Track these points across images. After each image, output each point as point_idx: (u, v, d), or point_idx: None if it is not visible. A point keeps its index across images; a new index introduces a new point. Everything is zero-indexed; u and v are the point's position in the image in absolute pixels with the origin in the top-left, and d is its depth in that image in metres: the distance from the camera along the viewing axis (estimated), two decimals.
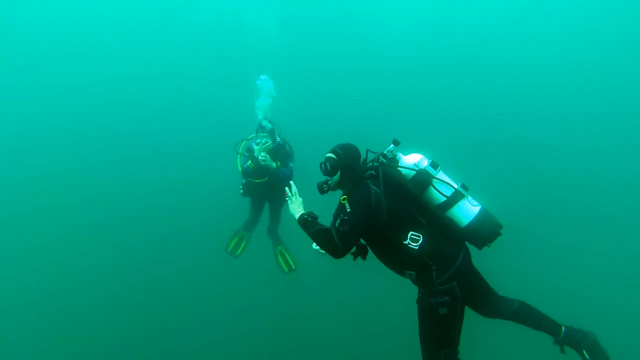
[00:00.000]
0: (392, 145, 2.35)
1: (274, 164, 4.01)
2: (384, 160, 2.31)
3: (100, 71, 9.04)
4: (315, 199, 2.50)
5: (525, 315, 2.34)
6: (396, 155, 2.34)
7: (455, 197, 2.18)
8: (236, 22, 7.94)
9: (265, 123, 4.12)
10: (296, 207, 2.36)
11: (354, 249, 2.23)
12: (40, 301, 5.63)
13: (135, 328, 5.04)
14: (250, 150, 4.16)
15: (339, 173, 2.35)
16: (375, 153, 2.38)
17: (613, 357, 2.23)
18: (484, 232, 2.15)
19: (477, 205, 2.20)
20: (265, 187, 4.25)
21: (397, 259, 2.22)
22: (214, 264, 5.72)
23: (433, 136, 7.97)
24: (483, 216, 2.17)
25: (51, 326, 5.15)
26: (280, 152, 4.20)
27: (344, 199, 2.18)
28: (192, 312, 5.42)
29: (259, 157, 3.93)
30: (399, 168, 2.27)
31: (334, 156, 2.37)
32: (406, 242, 2.13)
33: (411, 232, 2.14)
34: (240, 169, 4.25)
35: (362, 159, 2.41)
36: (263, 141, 4.01)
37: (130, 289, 5.70)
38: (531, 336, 2.40)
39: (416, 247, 2.12)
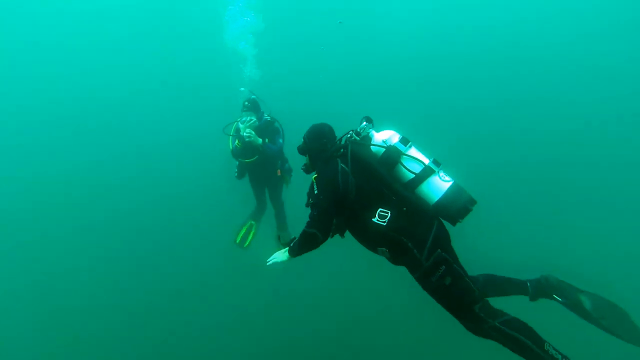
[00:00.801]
0: (364, 122, 2.34)
1: (260, 140, 3.95)
2: (357, 138, 2.31)
3: (97, 72, 9.13)
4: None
5: (493, 286, 2.31)
6: (369, 133, 2.33)
7: (425, 174, 2.16)
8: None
9: (247, 98, 4.06)
10: (280, 254, 2.42)
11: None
12: (43, 300, 5.73)
13: (138, 326, 5.12)
14: (237, 130, 4.10)
15: (307, 155, 2.47)
16: (350, 131, 2.37)
17: None
18: (454, 208, 2.11)
19: (448, 181, 2.16)
20: (257, 167, 4.20)
21: (367, 235, 2.23)
22: (218, 260, 5.79)
23: (417, 109, 8.02)
24: (454, 192, 2.13)
25: (55, 326, 5.25)
26: (268, 129, 4.10)
27: (314, 178, 2.27)
28: (194, 309, 5.45)
29: (244, 134, 3.89)
30: (370, 146, 2.26)
31: (302, 140, 2.47)
32: (374, 220, 2.13)
33: (380, 209, 2.13)
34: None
35: (337, 138, 2.43)
36: (247, 119, 3.98)
37: (131, 287, 5.77)
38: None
39: (384, 224, 2.11)
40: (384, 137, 2.28)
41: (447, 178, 2.17)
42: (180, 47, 9.68)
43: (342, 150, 2.29)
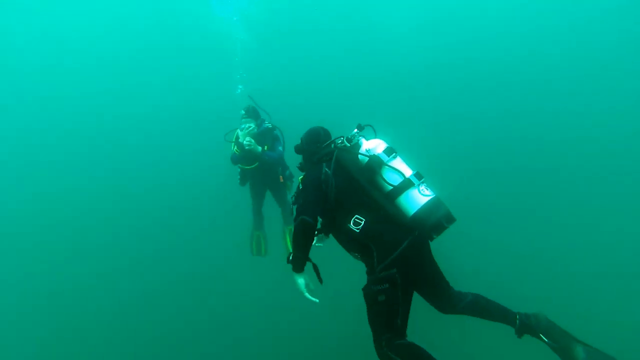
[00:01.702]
0: (355, 130, 2.40)
1: (259, 148, 3.99)
2: (347, 144, 2.37)
3: (96, 80, 9.16)
4: None
5: (480, 308, 2.27)
6: (358, 140, 2.39)
7: (403, 186, 2.17)
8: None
9: (247, 105, 4.13)
10: (298, 278, 2.27)
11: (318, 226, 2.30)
12: (47, 301, 5.84)
13: (139, 326, 5.18)
14: (237, 137, 4.16)
15: (302, 156, 2.58)
16: (341, 137, 2.44)
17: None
18: (429, 223, 2.11)
19: (428, 195, 2.16)
20: (258, 172, 4.25)
21: (342, 239, 2.29)
22: (223, 264, 5.84)
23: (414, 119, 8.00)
24: (431, 207, 2.13)
25: (58, 326, 5.35)
26: (268, 136, 4.14)
27: (300, 179, 2.35)
28: (197, 310, 5.49)
29: (244, 142, 3.93)
30: (357, 154, 2.32)
31: (299, 140, 2.59)
32: (349, 225, 2.17)
33: (355, 216, 2.17)
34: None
35: (327, 142, 2.49)
36: (246, 126, 4.05)
37: (135, 287, 5.84)
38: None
39: (357, 231, 2.14)
40: (370, 146, 2.32)
41: (428, 192, 2.17)
42: (181, 51, 9.74)
43: (330, 155, 2.35)
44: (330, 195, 2.21)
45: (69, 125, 8.61)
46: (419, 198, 2.15)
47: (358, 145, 2.38)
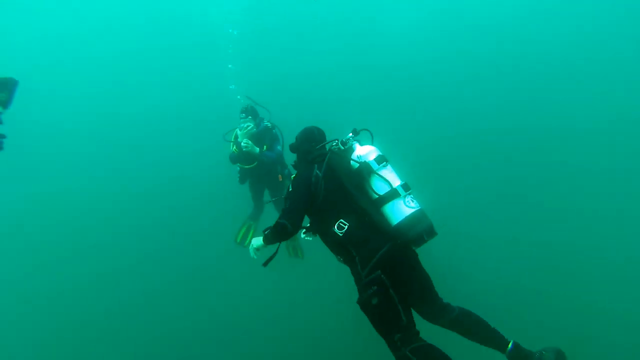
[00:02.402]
0: (350, 134, 2.43)
1: (257, 149, 3.98)
2: (342, 147, 2.42)
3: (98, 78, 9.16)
4: None
5: (468, 324, 2.22)
6: (352, 145, 2.42)
7: (389, 196, 2.19)
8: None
9: (245, 104, 4.14)
10: (256, 240, 2.48)
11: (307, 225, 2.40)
12: (48, 301, 5.90)
13: (140, 327, 5.23)
14: (236, 137, 4.16)
15: (296, 155, 2.62)
16: (335, 140, 2.47)
17: None
18: (410, 235, 2.14)
19: (413, 207, 2.17)
20: (257, 171, 4.25)
21: (327, 240, 2.32)
22: (221, 261, 5.87)
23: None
24: (414, 219, 2.15)
25: (63, 329, 5.37)
26: (267, 135, 4.14)
27: (292, 177, 2.40)
28: (197, 310, 5.53)
29: (242, 144, 3.93)
30: (349, 159, 2.34)
31: (294, 140, 2.64)
32: (333, 228, 2.20)
33: (340, 220, 2.19)
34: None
35: (322, 144, 2.52)
36: (245, 125, 4.03)
37: (136, 288, 5.90)
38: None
39: (340, 234, 2.18)
40: (362, 152, 2.34)
41: (413, 204, 2.19)
42: (174, 48, 9.71)
43: (323, 157, 2.37)
44: (319, 197, 2.25)
45: (68, 125, 8.64)
46: (403, 209, 2.17)
47: (351, 150, 2.40)
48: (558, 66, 8.19)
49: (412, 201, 2.20)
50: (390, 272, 2.09)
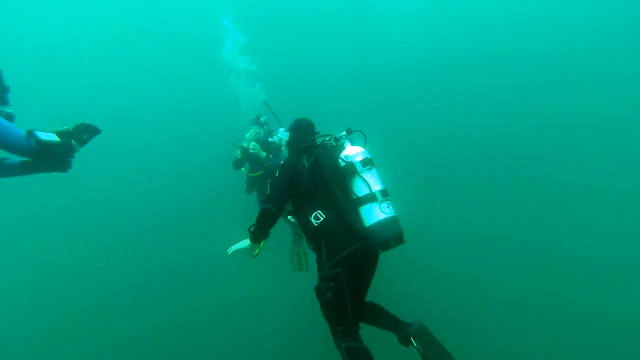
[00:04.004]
0: (344, 132, 2.54)
1: (263, 153, 3.99)
2: (334, 144, 2.54)
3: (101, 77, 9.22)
4: None
5: (373, 314, 2.44)
6: (344, 143, 2.52)
7: (367, 199, 2.29)
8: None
9: (257, 113, 4.21)
10: (242, 242, 2.55)
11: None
12: (51, 301, 5.99)
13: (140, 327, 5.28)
14: (242, 141, 4.18)
15: (288, 145, 2.79)
16: (329, 135, 2.60)
17: None
18: (379, 238, 2.22)
19: (387, 214, 2.26)
20: (263, 180, 4.14)
21: (302, 226, 2.45)
22: (220, 266, 5.77)
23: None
24: (386, 224, 2.24)
25: (60, 327, 5.49)
26: (274, 145, 4.08)
27: (281, 164, 2.52)
28: (196, 312, 5.57)
29: (249, 146, 3.94)
30: (337, 156, 2.42)
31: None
32: (310, 217, 2.33)
33: (318, 211, 2.31)
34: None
35: (315, 136, 2.68)
36: (253, 130, 4.08)
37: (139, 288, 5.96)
38: None
39: (315, 224, 2.30)
40: (351, 152, 2.41)
41: (387, 210, 2.27)
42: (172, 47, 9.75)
43: (313, 149, 2.49)
44: (301, 186, 2.37)
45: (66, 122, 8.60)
46: (378, 213, 2.26)
47: (342, 148, 2.49)
48: (544, 67, 8.25)
49: (388, 207, 2.28)
50: (350, 271, 2.20)
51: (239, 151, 4.11)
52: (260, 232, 2.43)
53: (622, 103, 7.34)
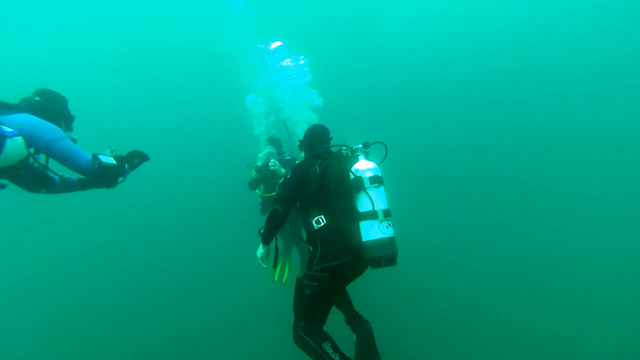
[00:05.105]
0: (360, 145, 2.58)
1: (283, 170, 4.06)
2: (349, 154, 2.59)
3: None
4: None
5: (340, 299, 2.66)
6: (358, 156, 2.55)
7: (368, 216, 2.30)
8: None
9: (270, 135, 4.29)
10: (258, 250, 2.72)
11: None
12: (51, 302, 6.05)
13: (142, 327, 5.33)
14: (256, 161, 4.22)
15: (304, 149, 2.87)
16: (345, 146, 2.64)
17: None
18: (372, 256, 2.26)
19: (385, 234, 2.27)
20: None
21: (304, 227, 2.55)
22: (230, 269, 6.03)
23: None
24: (382, 244, 2.26)
25: (61, 326, 5.52)
26: (288, 165, 4.20)
27: (296, 163, 2.63)
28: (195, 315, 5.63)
29: (269, 163, 3.99)
30: (349, 169, 2.44)
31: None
32: (312, 221, 2.43)
33: (321, 215, 2.42)
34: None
35: (330, 142, 2.78)
36: (266, 150, 4.13)
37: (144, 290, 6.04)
38: None
39: (316, 228, 2.41)
40: (362, 167, 2.42)
41: (386, 230, 2.28)
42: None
43: (327, 156, 2.60)
44: (310, 190, 2.49)
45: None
46: (376, 232, 2.27)
47: (355, 160, 2.51)
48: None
49: (387, 227, 2.29)
50: (336, 279, 2.31)
51: (253, 171, 4.15)
52: (269, 232, 2.57)
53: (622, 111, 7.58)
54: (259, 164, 4.12)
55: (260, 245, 2.68)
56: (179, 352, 4.99)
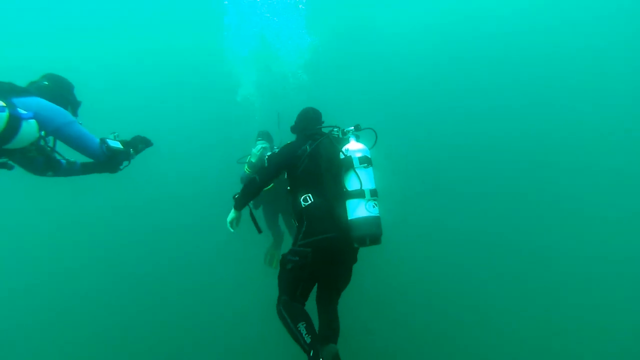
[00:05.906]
0: (352, 127, 2.62)
1: None
2: (340, 135, 2.63)
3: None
4: None
5: (324, 310, 2.51)
6: (349, 137, 2.59)
7: (355, 194, 2.34)
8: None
9: (261, 130, 4.27)
10: (229, 215, 2.73)
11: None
12: (48, 301, 6.03)
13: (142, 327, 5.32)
14: (249, 157, 4.19)
15: (296, 133, 2.90)
16: (337, 127, 2.68)
17: None
18: (356, 234, 2.30)
19: (370, 213, 2.29)
20: (272, 196, 4.24)
21: (291, 204, 2.59)
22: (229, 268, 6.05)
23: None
24: (367, 222, 2.29)
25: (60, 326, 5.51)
26: None
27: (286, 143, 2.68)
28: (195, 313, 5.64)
29: (266, 158, 3.86)
30: (339, 149, 2.48)
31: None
32: (300, 199, 2.47)
33: (308, 194, 2.46)
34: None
35: (322, 124, 2.80)
36: (259, 146, 4.11)
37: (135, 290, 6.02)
38: None
39: (303, 205, 2.45)
40: (352, 147, 2.47)
41: (372, 210, 2.33)
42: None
43: (318, 137, 2.63)
44: (299, 169, 2.53)
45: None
46: (362, 210, 2.31)
47: (346, 142, 2.56)
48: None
49: (374, 207, 2.33)
50: (319, 254, 2.32)
51: (246, 167, 4.11)
52: (243, 197, 2.65)
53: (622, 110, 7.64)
54: (252, 160, 4.07)
55: (232, 210, 2.70)
56: (179, 352, 4.99)
